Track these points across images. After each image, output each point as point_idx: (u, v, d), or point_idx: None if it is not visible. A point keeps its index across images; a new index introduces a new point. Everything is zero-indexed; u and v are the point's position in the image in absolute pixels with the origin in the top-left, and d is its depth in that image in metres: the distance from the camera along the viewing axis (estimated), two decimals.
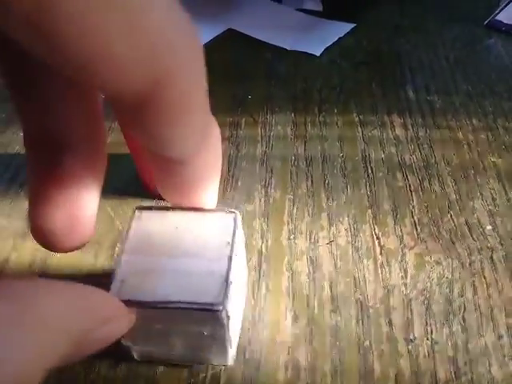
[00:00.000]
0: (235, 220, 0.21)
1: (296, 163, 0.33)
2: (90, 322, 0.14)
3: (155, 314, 0.18)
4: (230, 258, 0.19)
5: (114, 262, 0.20)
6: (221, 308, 0.18)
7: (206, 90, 0.14)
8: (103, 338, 0.15)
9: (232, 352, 0.22)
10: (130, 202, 0.32)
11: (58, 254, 0.29)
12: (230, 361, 0.22)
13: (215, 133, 0.17)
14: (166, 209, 0.21)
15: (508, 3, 0.45)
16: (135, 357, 0.22)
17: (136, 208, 0.21)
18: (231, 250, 0.20)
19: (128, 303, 0.17)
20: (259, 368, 0.23)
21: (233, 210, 0.21)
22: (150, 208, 0.21)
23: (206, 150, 0.16)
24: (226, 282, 0.19)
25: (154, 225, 0.21)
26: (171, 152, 0.15)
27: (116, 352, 0.21)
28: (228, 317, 0.19)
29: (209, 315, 0.18)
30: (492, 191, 0.31)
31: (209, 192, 0.19)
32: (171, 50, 0.11)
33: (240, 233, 0.21)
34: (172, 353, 0.22)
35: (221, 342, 0.20)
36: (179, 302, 0.18)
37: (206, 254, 0.20)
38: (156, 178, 0.18)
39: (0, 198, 0.32)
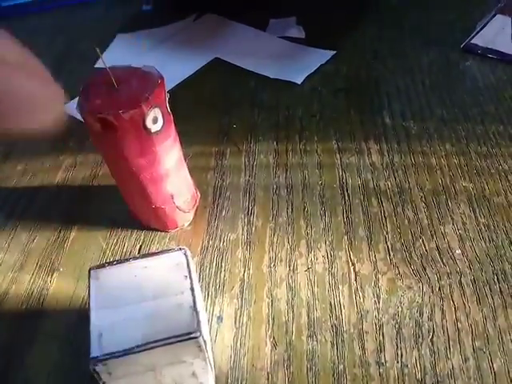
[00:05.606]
0: (186, 255, 0.23)
1: (277, 191, 0.35)
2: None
3: (139, 357, 0.20)
4: (193, 289, 0.21)
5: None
6: (198, 334, 0.20)
7: None
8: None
9: (213, 374, 0.24)
10: (121, 232, 0.33)
11: (53, 286, 0.31)
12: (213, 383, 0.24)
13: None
14: (120, 262, 0.23)
15: (483, 27, 0.47)
16: None
17: (90, 268, 0.23)
18: (191, 282, 0.22)
19: (114, 354, 0.19)
20: None
21: (181, 247, 0.23)
22: (103, 265, 0.23)
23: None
24: (195, 310, 0.21)
25: (113, 278, 0.22)
26: None
27: None
28: (205, 341, 0.21)
29: (189, 344, 0.20)
30: (462, 216, 0.32)
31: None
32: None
33: (193, 265, 0.23)
34: None
35: (202, 365, 0.22)
36: (160, 340, 0.20)
37: (169, 291, 0.21)
38: None
39: None
